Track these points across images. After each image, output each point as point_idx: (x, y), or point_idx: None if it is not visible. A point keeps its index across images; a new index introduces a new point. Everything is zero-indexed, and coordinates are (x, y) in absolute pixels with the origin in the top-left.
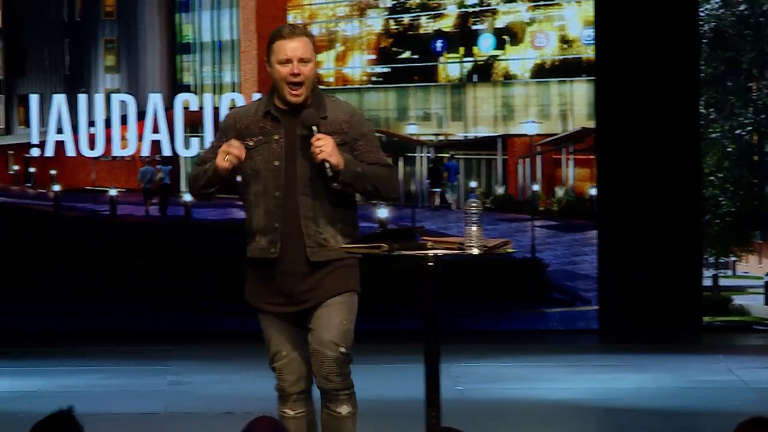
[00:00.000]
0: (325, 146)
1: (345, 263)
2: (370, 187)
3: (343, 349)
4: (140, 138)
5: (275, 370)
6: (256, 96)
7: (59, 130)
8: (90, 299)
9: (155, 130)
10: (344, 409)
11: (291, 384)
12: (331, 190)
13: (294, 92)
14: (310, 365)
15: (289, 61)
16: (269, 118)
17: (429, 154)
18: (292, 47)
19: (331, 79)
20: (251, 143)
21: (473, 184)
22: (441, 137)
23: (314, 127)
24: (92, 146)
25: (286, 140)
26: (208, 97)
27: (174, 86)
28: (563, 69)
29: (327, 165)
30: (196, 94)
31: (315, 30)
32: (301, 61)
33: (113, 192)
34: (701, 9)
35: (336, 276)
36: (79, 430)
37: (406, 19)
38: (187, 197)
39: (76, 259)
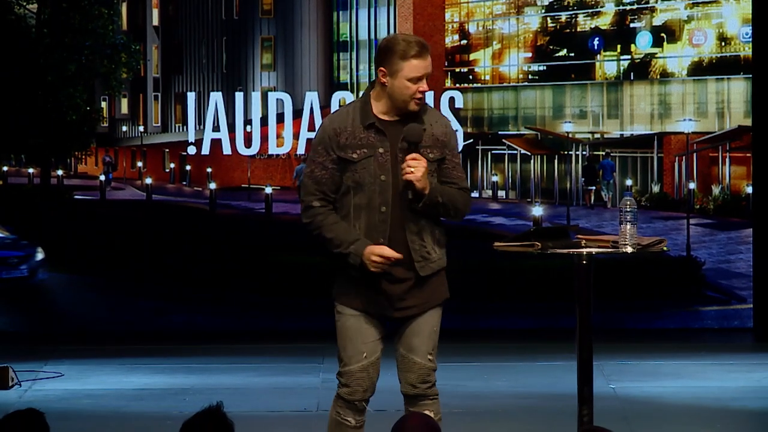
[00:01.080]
0: (417, 169)
1: (440, 273)
2: (443, 213)
3: (431, 357)
4: (296, 136)
5: (348, 374)
6: None
7: (216, 128)
8: (244, 297)
9: (311, 129)
10: (426, 413)
11: (364, 390)
12: None
13: (418, 104)
14: (377, 376)
15: (420, 79)
16: (373, 130)
17: (584, 152)
18: (424, 66)
19: (488, 77)
20: (355, 156)
21: (629, 182)
22: (597, 135)
23: (415, 144)
24: (248, 144)
25: (390, 153)
26: None
27: (331, 84)
28: (721, 67)
29: (410, 187)
30: (352, 92)
31: (472, 28)
32: (426, 77)
33: (269, 190)
34: None
35: (433, 287)
36: (229, 426)
37: (563, 16)
38: None
39: (231, 257)
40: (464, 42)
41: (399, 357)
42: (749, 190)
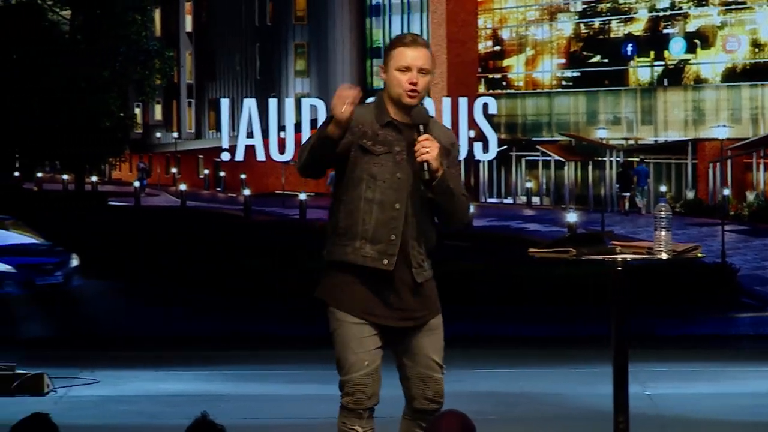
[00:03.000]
0: (432, 148)
1: (433, 283)
2: (450, 208)
3: (444, 371)
4: None
5: (351, 382)
6: (446, 100)
7: (249, 135)
8: (281, 301)
9: None
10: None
11: (368, 397)
12: (429, 211)
13: (411, 96)
14: (379, 384)
15: (408, 69)
16: (391, 128)
17: (619, 159)
18: (413, 56)
19: (521, 83)
20: (376, 149)
21: (663, 188)
22: (631, 141)
23: (422, 126)
24: (282, 150)
25: (406, 153)
26: None
27: (364, 90)
28: (755, 73)
29: (426, 167)
30: None
31: (505, 34)
32: (421, 71)
33: (303, 196)
34: None
35: (433, 297)
36: None
37: (596, 23)
38: None
39: (267, 263)
40: (497, 48)
41: (414, 374)
42: None
